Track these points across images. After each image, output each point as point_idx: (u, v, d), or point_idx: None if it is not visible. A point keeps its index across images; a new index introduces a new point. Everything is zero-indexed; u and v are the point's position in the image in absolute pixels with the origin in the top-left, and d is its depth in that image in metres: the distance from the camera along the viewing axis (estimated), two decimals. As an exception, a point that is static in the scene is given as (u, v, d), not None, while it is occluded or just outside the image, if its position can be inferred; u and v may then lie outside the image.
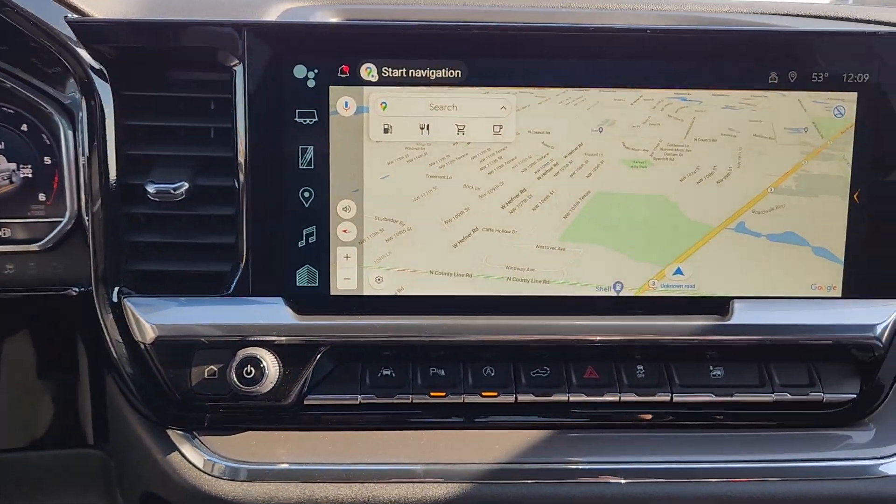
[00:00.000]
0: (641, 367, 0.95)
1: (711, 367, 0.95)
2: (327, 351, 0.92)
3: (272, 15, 1.01)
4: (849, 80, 0.92)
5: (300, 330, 0.90)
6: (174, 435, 0.91)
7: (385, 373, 0.93)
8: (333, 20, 1.03)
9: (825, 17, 1.07)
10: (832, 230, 0.94)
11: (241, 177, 0.89)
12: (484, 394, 0.92)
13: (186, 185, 0.90)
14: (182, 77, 0.91)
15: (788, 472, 0.89)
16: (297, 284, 0.92)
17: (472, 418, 0.92)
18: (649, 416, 0.93)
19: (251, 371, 0.86)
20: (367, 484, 0.86)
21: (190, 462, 0.88)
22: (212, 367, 0.89)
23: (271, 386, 0.87)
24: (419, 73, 0.90)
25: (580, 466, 0.87)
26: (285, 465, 0.87)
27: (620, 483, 0.87)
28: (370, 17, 1.05)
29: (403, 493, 0.85)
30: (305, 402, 0.91)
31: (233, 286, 0.90)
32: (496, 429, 0.92)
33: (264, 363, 0.86)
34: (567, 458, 0.88)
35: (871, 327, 0.93)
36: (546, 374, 0.94)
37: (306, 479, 0.86)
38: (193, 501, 0.86)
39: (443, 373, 0.93)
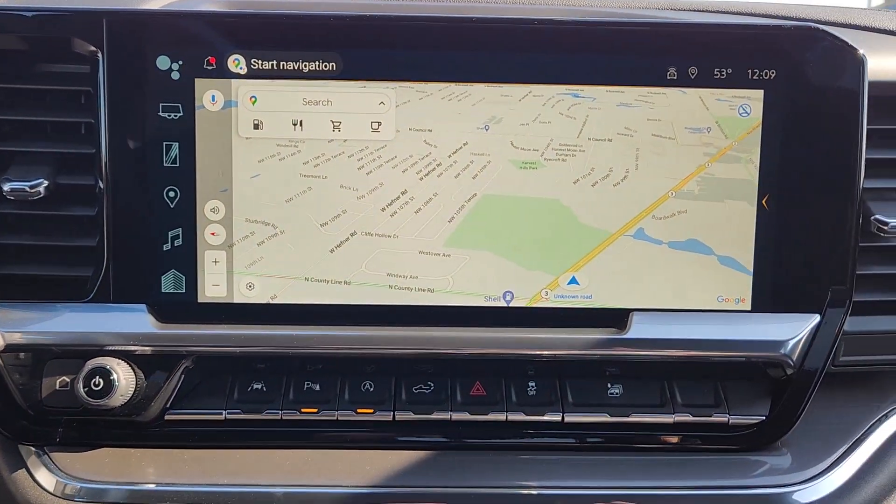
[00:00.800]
0: (533, 384, 0.88)
1: (610, 385, 0.88)
2: (194, 363, 0.86)
3: (143, 3, 0.96)
4: (754, 77, 0.86)
5: (160, 339, 0.83)
6: (24, 451, 0.84)
7: (255, 387, 0.87)
8: (202, 9, 0.98)
9: (728, 12, 1.01)
10: (739, 238, 0.87)
11: (103, 175, 0.84)
12: (359, 410, 0.86)
13: (45, 183, 0.84)
14: (42, 69, 0.86)
15: (686, 501, 0.81)
16: (163, 290, 0.86)
17: (345, 437, 0.85)
18: (536, 438, 0.86)
19: (99, 383, 0.80)
20: (220, 509, 0.79)
21: (35, 480, 0.81)
22: (63, 378, 0.83)
23: (124, 399, 0.81)
24: (291, 66, 0.84)
25: (452, 490, 0.80)
26: (132, 486, 0.80)
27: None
28: (243, 7, 0.99)
29: (258, 519, 0.79)
30: (167, 418, 0.85)
31: (93, 292, 0.84)
32: (372, 449, 0.85)
33: (114, 375, 0.80)
34: (439, 483, 0.81)
35: (782, 343, 0.86)
36: (429, 390, 0.87)
37: (154, 500, 0.79)
38: None
39: (317, 387, 0.87)
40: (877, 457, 0.87)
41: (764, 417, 0.87)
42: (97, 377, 0.80)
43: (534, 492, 0.80)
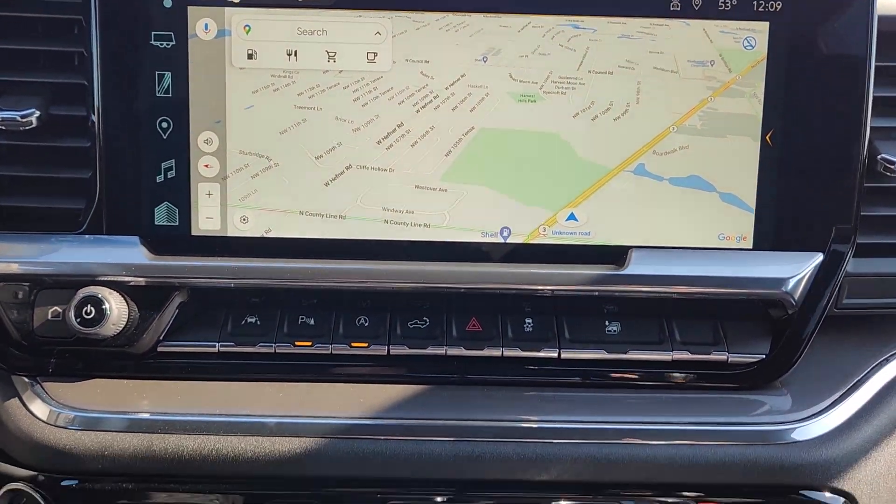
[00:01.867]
0: (530, 321, 0.87)
1: (607, 323, 0.87)
2: (188, 295, 0.85)
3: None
4: (760, 9, 0.84)
5: (153, 270, 0.83)
6: (17, 382, 0.84)
7: (249, 320, 0.86)
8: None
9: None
10: (742, 175, 0.86)
11: (95, 106, 0.83)
12: (353, 344, 0.85)
13: (37, 113, 0.83)
14: (33, -3, 0.84)
15: (683, 435, 0.80)
16: (156, 223, 0.85)
17: (339, 371, 0.85)
18: (531, 376, 0.85)
19: (91, 311, 0.79)
20: (210, 436, 0.78)
21: (28, 409, 0.81)
22: (55, 308, 0.83)
23: (116, 329, 0.80)
24: (285, -6, 0.83)
25: (445, 423, 0.80)
26: (125, 415, 0.80)
27: (490, 441, 0.79)
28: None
29: (251, 448, 0.78)
30: (159, 350, 0.84)
31: (86, 224, 0.84)
32: (365, 383, 0.84)
33: (106, 304, 0.79)
34: (433, 416, 0.80)
35: (784, 281, 0.84)
36: (424, 325, 0.86)
37: (146, 429, 0.79)
38: (19, 445, 0.80)
39: (312, 322, 0.86)
40: (877, 399, 0.86)
41: (764, 356, 0.86)
42: (88, 306, 0.79)
43: (528, 425, 0.80)
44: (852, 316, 0.93)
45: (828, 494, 0.80)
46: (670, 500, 0.80)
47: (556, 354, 0.85)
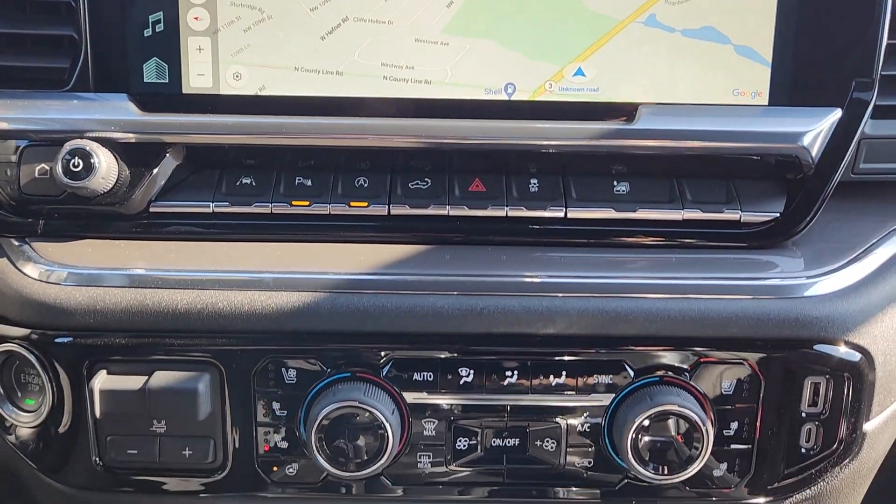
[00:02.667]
0: (535, 181, 0.84)
1: (616, 183, 0.84)
2: (180, 156, 0.82)
3: None
4: None
5: (142, 126, 0.79)
6: (6, 244, 0.81)
7: (244, 181, 0.83)
8: None
9: None
10: (758, 26, 0.81)
11: (78, -45, 0.78)
12: (353, 204, 0.82)
13: (19, -33, 0.79)
14: None
15: (694, 289, 0.78)
16: (145, 80, 0.82)
17: (338, 231, 0.82)
18: (539, 234, 0.82)
19: (79, 164, 0.76)
20: (205, 291, 0.76)
21: (19, 269, 0.79)
22: (42, 165, 0.80)
23: (105, 184, 0.77)
24: None
25: (448, 278, 0.77)
26: (118, 271, 0.77)
27: (494, 296, 0.76)
28: None
29: (247, 302, 0.75)
30: (151, 210, 0.82)
31: (72, 81, 0.80)
32: (365, 243, 0.82)
33: (94, 157, 0.76)
34: (436, 272, 0.78)
35: (800, 136, 0.80)
36: (426, 185, 0.83)
37: (138, 284, 0.76)
38: (12, 303, 0.77)
39: (309, 182, 0.83)
40: (891, 262, 0.83)
41: (778, 215, 0.82)
42: (76, 158, 0.76)
43: (533, 280, 0.77)
44: (869, 183, 0.89)
45: (843, 349, 0.77)
46: (678, 359, 0.77)
47: (562, 213, 0.82)
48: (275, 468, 0.79)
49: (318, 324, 0.76)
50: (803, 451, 0.79)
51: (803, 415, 0.78)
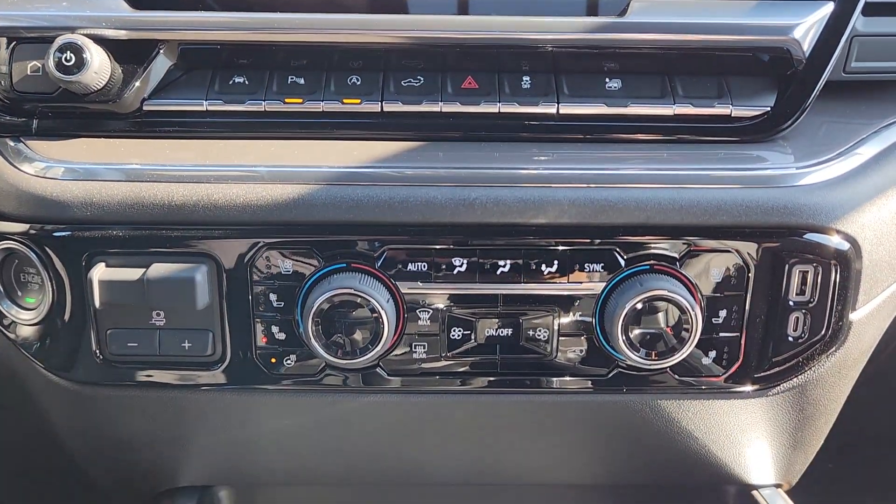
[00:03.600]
0: (527, 78, 0.84)
1: (608, 80, 0.84)
2: (174, 55, 0.82)
3: None
4: None
5: (133, 23, 0.79)
6: (2, 144, 0.81)
7: (237, 80, 0.83)
8: None
9: None
10: (751, -84, 0.81)
11: None
12: (346, 101, 0.82)
13: None
14: None
15: (685, 179, 0.78)
16: (136, -23, 0.81)
17: (331, 128, 0.82)
18: (532, 129, 0.82)
19: (71, 58, 0.76)
20: (201, 185, 0.77)
21: (16, 167, 0.79)
22: (34, 62, 0.79)
23: (98, 80, 0.77)
24: None
25: (441, 170, 0.78)
26: (113, 166, 0.78)
27: (487, 186, 0.77)
28: None
29: (242, 194, 0.76)
30: (145, 108, 0.82)
31: (60, -22, 0.80)
32: (359, 140, 0.82)
33: (86, 52, 0.76)
34: (429, 165, 0.78)
35: (791, 28, 0.80)
36: (419, 83, 0.83)
37: (134, 178, 0.77)
38: (9, 198, 0.78)
39: (302, 80, 0.83)
40: (884, 154, 0.83)
41: (768, 109, 0.83)
42: (68, 52, 0.76)
43: (526, 172, 0.77)
44: (860, 83, 0.90)
45: (830, 237, 0.78)
46: (668, 248, 0.78)
47: (554, 109, 0.82)
48: (273, 360, 0.80)
49: (313, 215, 0.77)
50: (790, 339, 0.81)
51: (791, 303, 0.80)
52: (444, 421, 0.85)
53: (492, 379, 0.82)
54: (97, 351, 0.80)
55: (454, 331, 0.80)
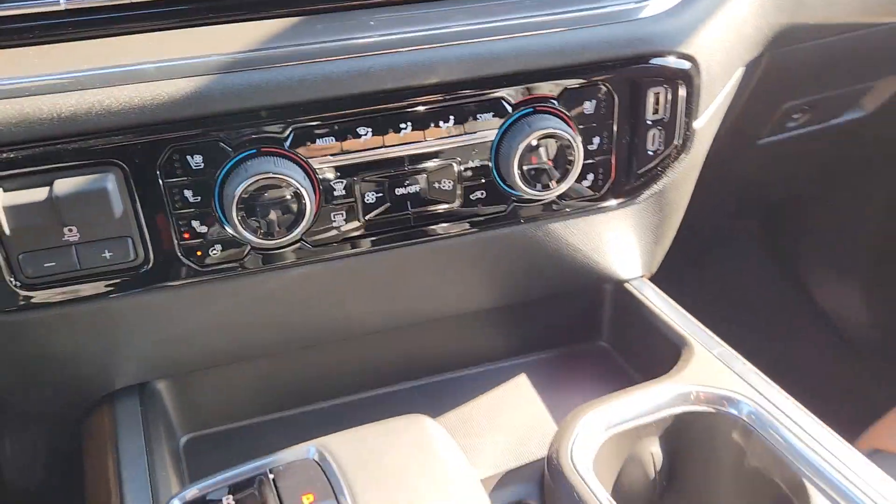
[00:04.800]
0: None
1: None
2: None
3: None
4: None
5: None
6: None
7: (91, -29, 0.78)
8: None
9: None
10: None
11: None
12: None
13: None
14: None
15: (556, 24, 0.86)
16: None
17: (203, 12, 0.80)
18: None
19: None
20: (87, 91, 0.74)
21: None
22: None
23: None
24: None
25: (333, 44, 0.79)
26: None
27: (379, 55, 0.80)
28: None
29: (135, 95, 0.74)
30: (-3, 14, 0.75)
31: None
32: (234, 22, 0.81)
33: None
34: (321, 40, 0.80)
35: None
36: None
37: (9, 94, 0.72)
38: None
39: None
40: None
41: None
42: None
43: (410, 35, 0.81)
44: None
45: (675, 60, 0.90)
46: (546, 90, 0.86)
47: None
48: (199, 253, 0.82)
49: (214, 107, 0.77)
50: (650, 152, 0.95)
51: (648, 122, 0.92)
52: (366, 278, 0.93)
53: (407, 232, 0.89)
54: (11, 278, 0.78)
55: (368, 196, 0.85)
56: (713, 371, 0.93)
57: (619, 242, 1.04)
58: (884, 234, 2.21)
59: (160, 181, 0.78)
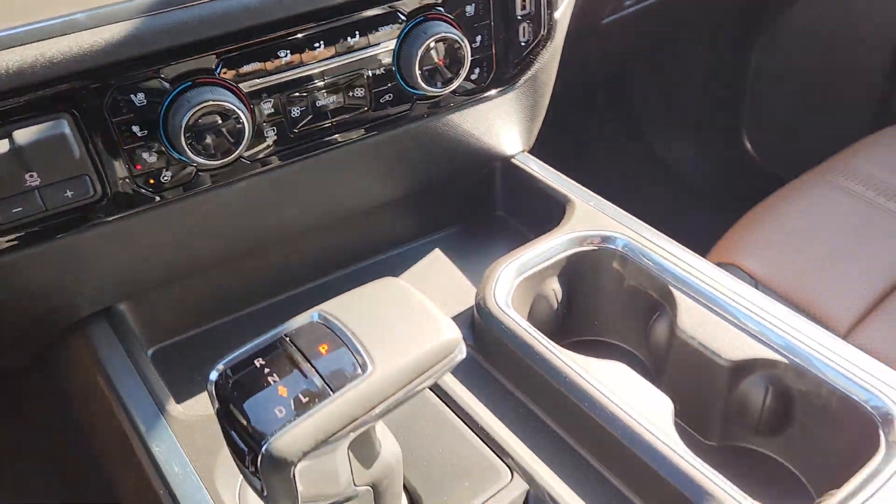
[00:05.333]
0: None
1: None
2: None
3: None
4: None
5: None
6: None
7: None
8: None
9: None
10: None
11: None
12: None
13: None
14: None
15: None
16: None
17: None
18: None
19: None
20: (28, 45, 0.80)
21: None
22: None
23: None
24: None
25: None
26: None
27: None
28: None
29: (72, 45, 0.81)
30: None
31: None
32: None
33: None
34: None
35: None
36: None
37: (-44, 55, 0.78)
38: None
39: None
40: None
41: None
42: None
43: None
44: None
45: (535, -40, 1.06)
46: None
47: None
48: (151, 181, 0.92)
49: (147, 46, 0.84)
50: (522, 44, 1.11)
51: (519, 17, 1.08)
52: (298, 183, 1.05)
53: (329, 139, 1.02)
54: (-18, 228, 0.85)
55: (293, 111, 0.97)
56: (592, 218, 1.14)
57: (503, 124, 1.21)
58: (706, 97, 2.56)
59: (109, 121, 0.86)
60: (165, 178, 0.93)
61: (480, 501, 0.82)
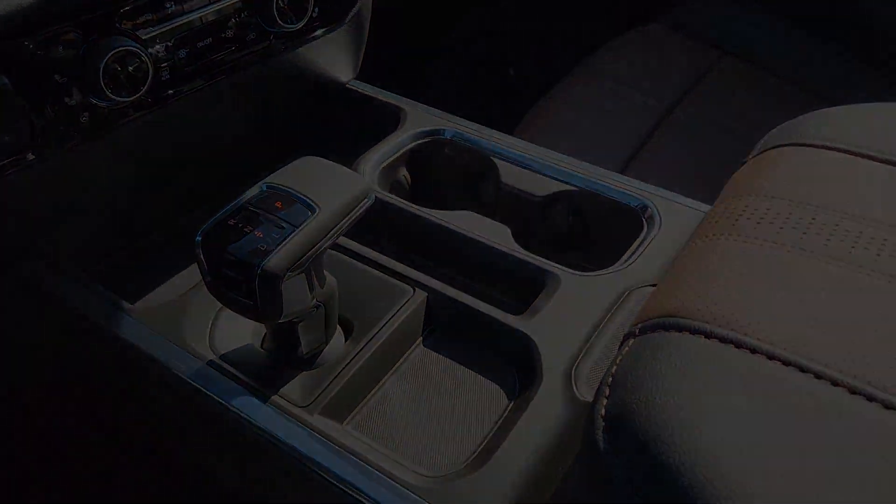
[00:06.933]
0: None
1: None
2: None
3: None
4: None
5: None
6: None
7: None
8: None
9: None
10: None
11: None
12: None
13: None
14: None
15: None
16: None
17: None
18: None
19: None
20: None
21: None
22: None
23: None
24: None
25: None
26: None
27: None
28: None
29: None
30: None
31: None
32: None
33: None
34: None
35: None
36: None
37: None
38: None
39: None
40: None
41: None
42: None
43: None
44: None
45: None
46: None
47: None
48: (74, 122, 1.09)
49: (59, 5, 1.02)
50: (348, -15, 1.39)
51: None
52: (195, 114, 1.26)
53: (213, 73, 1.24)
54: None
55: (180, 52, 1.18)
56: (425, 120, 1.47)
57: (340, 54, 1.49)
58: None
59: (31, 73, 1.02)
60: (84, 119, 1.10)
61: (394, 311, 1.12)
